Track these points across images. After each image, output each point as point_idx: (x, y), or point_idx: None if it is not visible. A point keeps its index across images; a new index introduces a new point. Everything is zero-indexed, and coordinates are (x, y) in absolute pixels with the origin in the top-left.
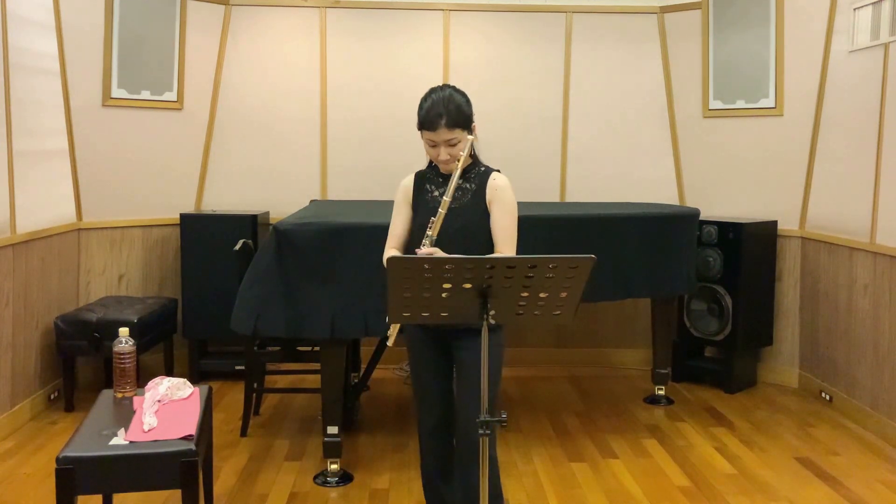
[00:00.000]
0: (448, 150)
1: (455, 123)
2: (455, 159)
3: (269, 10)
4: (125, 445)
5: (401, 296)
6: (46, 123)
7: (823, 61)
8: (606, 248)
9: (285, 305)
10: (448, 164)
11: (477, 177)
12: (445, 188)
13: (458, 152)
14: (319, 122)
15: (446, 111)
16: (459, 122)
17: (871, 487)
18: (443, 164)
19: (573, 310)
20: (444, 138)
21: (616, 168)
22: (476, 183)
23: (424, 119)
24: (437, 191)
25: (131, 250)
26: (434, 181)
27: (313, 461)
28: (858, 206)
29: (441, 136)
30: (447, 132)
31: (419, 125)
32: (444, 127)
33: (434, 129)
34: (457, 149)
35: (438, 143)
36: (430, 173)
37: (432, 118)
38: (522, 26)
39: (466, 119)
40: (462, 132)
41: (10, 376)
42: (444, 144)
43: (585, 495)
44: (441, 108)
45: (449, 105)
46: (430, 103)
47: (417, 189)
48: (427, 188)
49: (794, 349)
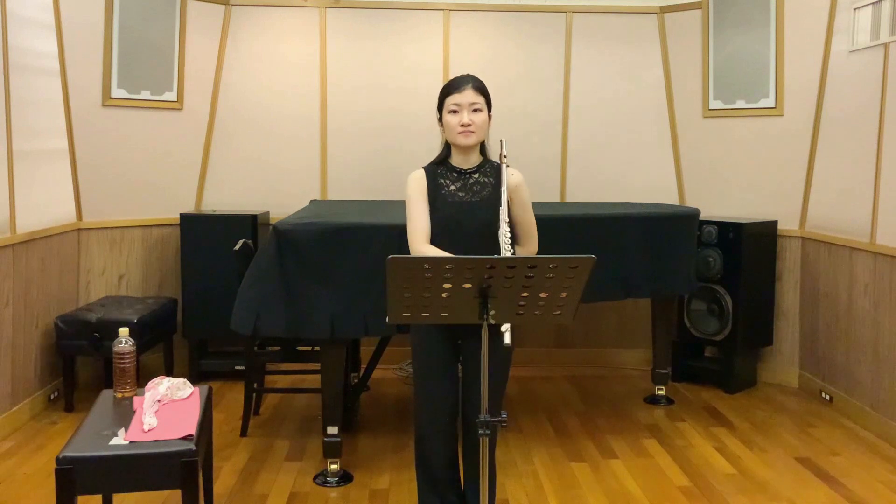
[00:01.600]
0: (471, 116)
1: (480, 90)
2: (476, 128)
3: (269, 10)
4: (125, 445)
5: (401, 296)
6: (46, 123)
7: (823, 61)
8: (606, 248)
9: (285, 305)
10: (468, 131)
11: (493, 171)
12: (462, 183)
13: (480, 120)
14: (319, 122)
15: (472, 79)
16: (484, 91)
17: (871, 487)
18: (462, 134)
19: (573, 310)
20: (470, 100)
21: (616, 168)
22: (493, 176)
23: (451, 84)
24: (453, 185)
25: (131, 250)
26: (448, 176)
27: (313, 461)
28: (858, 206)
29: (467, 97)
30: (473, 94)
31: (442, 95)
32: (470, 88)
33: (461, 89)
34: (479, 116)
35: (463, 105)
36: (440, 169)
37: (459, 82)
38: (522, 26)
39: (488, 94)
40: (484, 102)
41: (10, 376)
42: (468, 108)
43: (585, 495)
44: (467, 77)
45: (474, 77)
46: (455, 77)
47: (431, 184)
48: (442, 183)
49: (794, 349)
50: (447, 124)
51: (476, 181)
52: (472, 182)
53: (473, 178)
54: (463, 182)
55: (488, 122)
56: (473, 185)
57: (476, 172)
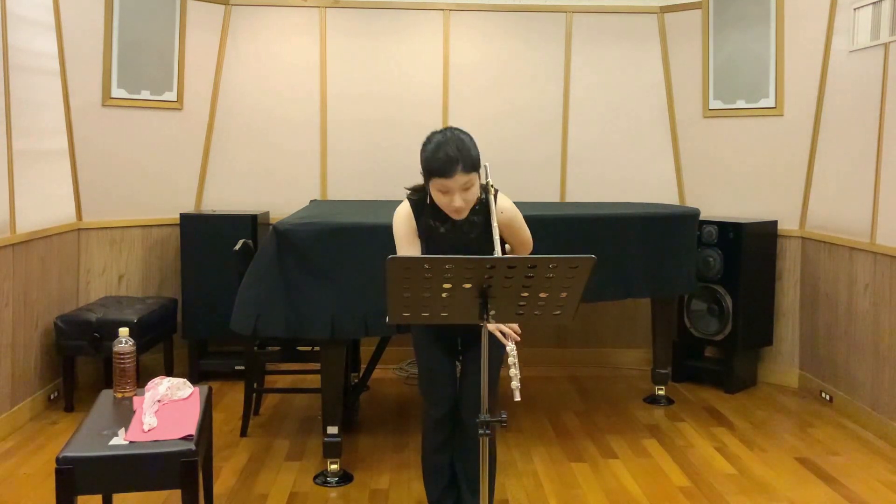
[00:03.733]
0: (463, 196)
1: (472, 166)
2: (468, 204)
3: (269, 9)
4: (125, 445)
5: (401, 296)
6: (46, 123)
7: (823, 61)
8: (606, 249)
9: (285, 306)
10: (461, 211)
11: (482, 208)
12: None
13: (472, 197)
14: (319, 122)
15: (460, 154)
16: (475, 164)
17: (871, 487)
18: (456, 213)
19: (573, 310)
20: (461, 183)
21: (616, 168)
22: (483, 215)
23: (437, 165)
24: (443, 227)
25: (131, 250)
26: (437, 216)
27: (313, 461)
28: (858, 207)
29: (458, 181)
30: (464, 176)
31: (428, 172)
32: (460, 172)
33: (450, 174)
34: (471, 193)
35: (453, 189)
36: (428, 209)
37: (446, 164)
38: (522, 26)
39: (477, 160)
40: (476, 175)
41: (10, 376)
42: (459, 190)
43: (585, 495)
44: (454, 152)
45: (461, 147)
46: (438, 147)
47: (419, 222)
48: (431, 224)
49: (794, 349)
50: (436, 199)
51: (466, 220)
52: (461, 222)
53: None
54: (452, 223)
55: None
56: (463, 225)
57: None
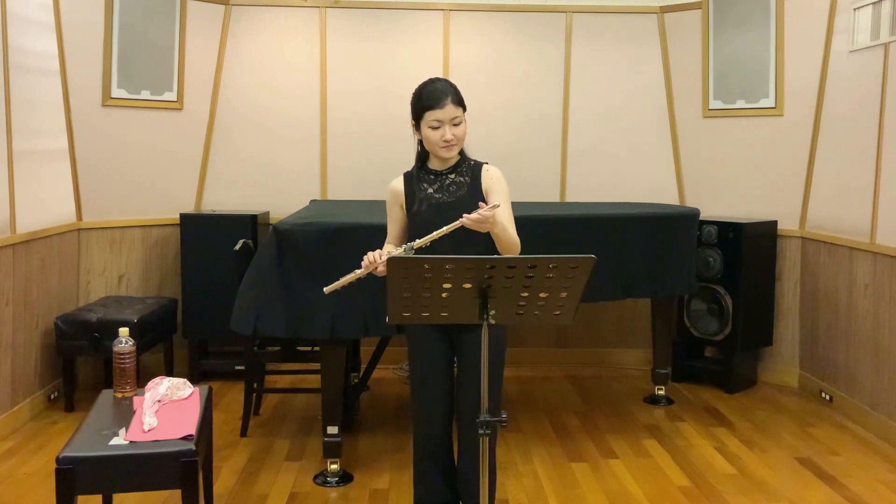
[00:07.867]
0: (452, 130)
1: (459, 101)
2: (458, 141)
3: (269, 10)
4: (125, 445)
5: (401, 296)
6: (46, 123)
7: (823, 61)
8: (606, 248)
9: (285, 305)
10: (451, 146)
11: (469, 170)
12: (439, 184)
13: (461, 133)
14: (319, 122)
15: (451, 88)
16: (462, 102)
17: (871, 487)
18: (445, 148)
19: (573, 310)
20: (451, 115)
21: (616, 168)
22: (469, 176)
23: (429, 98)
24: (432, 187)
25: (131, 250)
26: (426, 179)
27: (313, 461)
28: (858, 206)
29: (448, 113)
30: (454, 108)
31: (420, 108)
32: (450, 103)
33: (441, 105)
34: (460, 129)
35: (444, 122)
36: (420, 172)
37: (438, 96)
38: (522, 26)
39: (463, 101)
40: (463, 113)
41: (10, 376)
42: (449, 123)
43: (585, 495)
44: (444, 86)
45: (450, 84)
46: (429, 82)
47: (409, 189)
48: (422, 187)
49: (794, 349)
50: (427, 138)
51: (452, 181)
52: (448, 182)
53: (450, 178)
54: (440, 183)
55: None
56: (450, 185)
57: (452, 173)
